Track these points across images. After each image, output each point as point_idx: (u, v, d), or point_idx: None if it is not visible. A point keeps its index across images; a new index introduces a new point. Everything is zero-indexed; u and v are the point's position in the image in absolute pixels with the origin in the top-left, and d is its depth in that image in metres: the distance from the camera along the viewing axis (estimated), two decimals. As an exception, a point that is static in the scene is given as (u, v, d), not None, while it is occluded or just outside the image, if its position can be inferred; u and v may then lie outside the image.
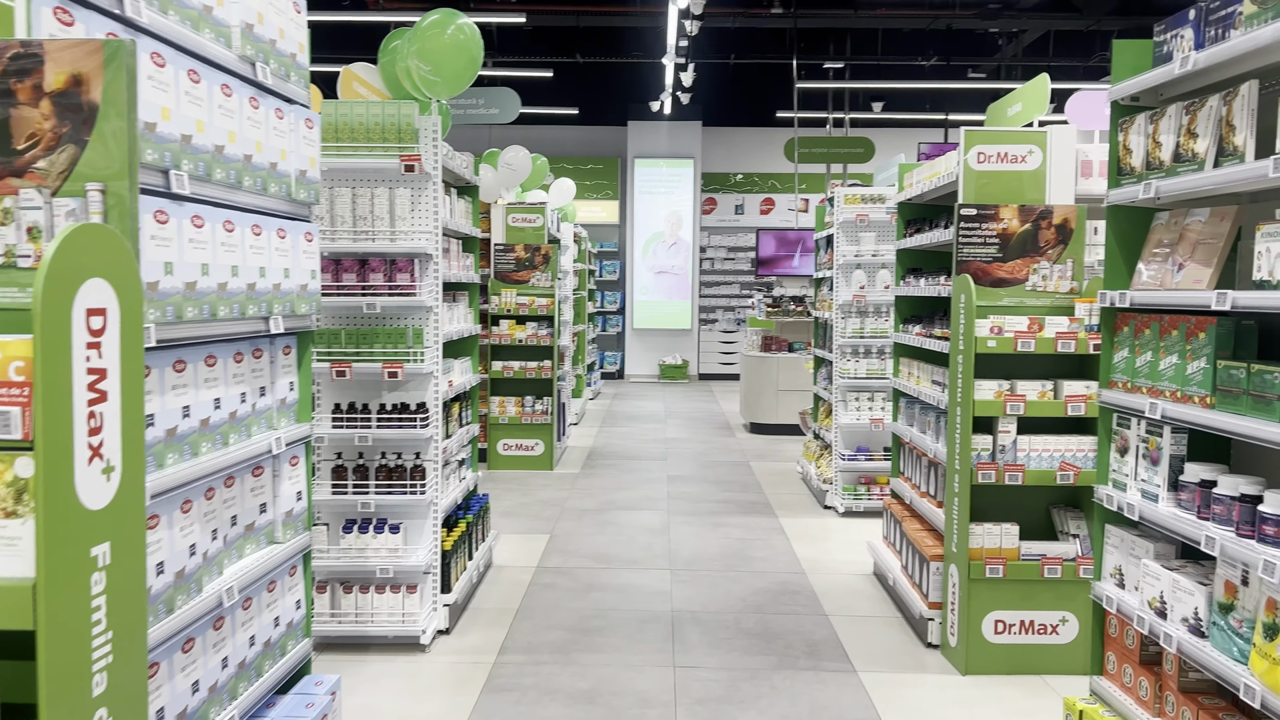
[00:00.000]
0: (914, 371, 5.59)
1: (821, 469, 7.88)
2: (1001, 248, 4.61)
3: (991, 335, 4.40)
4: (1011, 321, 4.42)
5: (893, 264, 7.39)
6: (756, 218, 17.90)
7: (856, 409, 7.39)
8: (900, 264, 5.98)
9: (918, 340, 5.38)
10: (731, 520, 7.26)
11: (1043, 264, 4.61)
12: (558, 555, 6.28)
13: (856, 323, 7.38)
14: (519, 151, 9.19)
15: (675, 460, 9.73)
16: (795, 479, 8.81)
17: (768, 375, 11.23)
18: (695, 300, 17.60)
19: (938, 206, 5.83)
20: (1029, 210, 4.58)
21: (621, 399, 14.83)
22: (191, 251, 2.37)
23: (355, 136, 4.47)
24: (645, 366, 17.71)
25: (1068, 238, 4.59)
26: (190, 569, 2.46)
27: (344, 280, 4.50)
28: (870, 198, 7.38)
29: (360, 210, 4.51)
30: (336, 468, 4.60)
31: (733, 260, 17.96)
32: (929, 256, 5.89)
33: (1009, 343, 4.37)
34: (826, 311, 7.94)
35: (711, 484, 8.59)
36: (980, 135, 4.65)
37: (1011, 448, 4.43)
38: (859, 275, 7.36)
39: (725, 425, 12.13)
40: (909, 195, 5.76)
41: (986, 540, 4.45)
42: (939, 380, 5.14)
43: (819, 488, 7.78)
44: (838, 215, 7.44)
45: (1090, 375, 4.44)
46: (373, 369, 4.50)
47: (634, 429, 11.80)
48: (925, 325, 5.41)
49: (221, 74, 2.55)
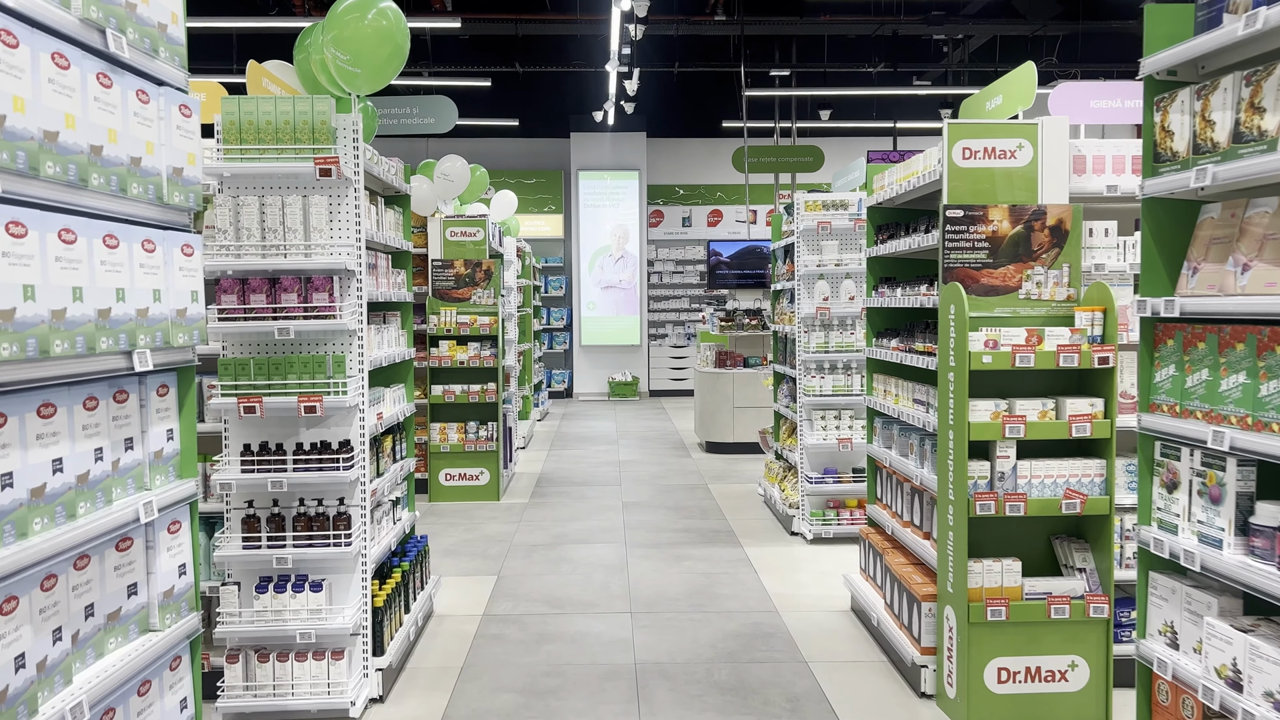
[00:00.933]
0: (892, 389, 5.14)
1: (786, 492, 7.41)
2: (992, 252, 4.17)
3: (986, 350, 3.95)
4: (1008, 334, 3.98)
5: (859, 274, 6.96)
6: (704, 230, 17.48)
7: (823, 428, 6.94)
8: (871, 273, 5.54)
9: (896, 356, 4.93)
10: (694, 552, 6.74)
11: (1037, 269, 4.18)
12: (506, 600, 5.70)
13: (820, 336, 6.93)
14: (456, 161, 8.62)
15: (630, 485, 9.20)
16: (757, 503, 8.33)
17: (723, 392, 10.76)
18: (644, 315, 17.11)
19: (912, 210, 5.40)
20: (1020, 210, 4.16)
21: (571, 419, 14.27)
22: (7, 269, 1.79)
23: (263, 137, 3.89)
24: (594, 384, 17.16)
25: (1063, 240, 4.17)
26: (18, 686, 1.86)
27: (252, 302, 3.91)
28: (832, 204, 6.95)
29: (270, 221, 3.92)
30: (248, 518, 3.99)
31: (681, 274, 17.51)
32: (903, 265, 5.46)
33: (1006, 358, 3.93)
34: (787, 325, 7.49)
35: (670, 511, 8.08)
36: (965, 129, 4.22)
37: (1011, 474, 3.98)
38: (822, 286, 6.92)
39: (680, 445, 11.63)
40: (880, 199, 5.32)
41: (986, 578, 3.99)
42: (922, 399, 4.69)
43: (784, 512, 7.31)
44: (798, 223, 7.00)
45: (1093, 392, 4.02)
46: (287, 403, 3.91)
47: (585, 451, 11.24)
48: (904, 339, 4.96)
49: (54, 40, 1.98)
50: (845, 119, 16.75)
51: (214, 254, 3.90)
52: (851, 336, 6.91)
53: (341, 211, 4.02)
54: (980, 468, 3.99)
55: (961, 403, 3.94)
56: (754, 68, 14.86)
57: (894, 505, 5.14)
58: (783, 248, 7.96)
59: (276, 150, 3.89)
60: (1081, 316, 4.03)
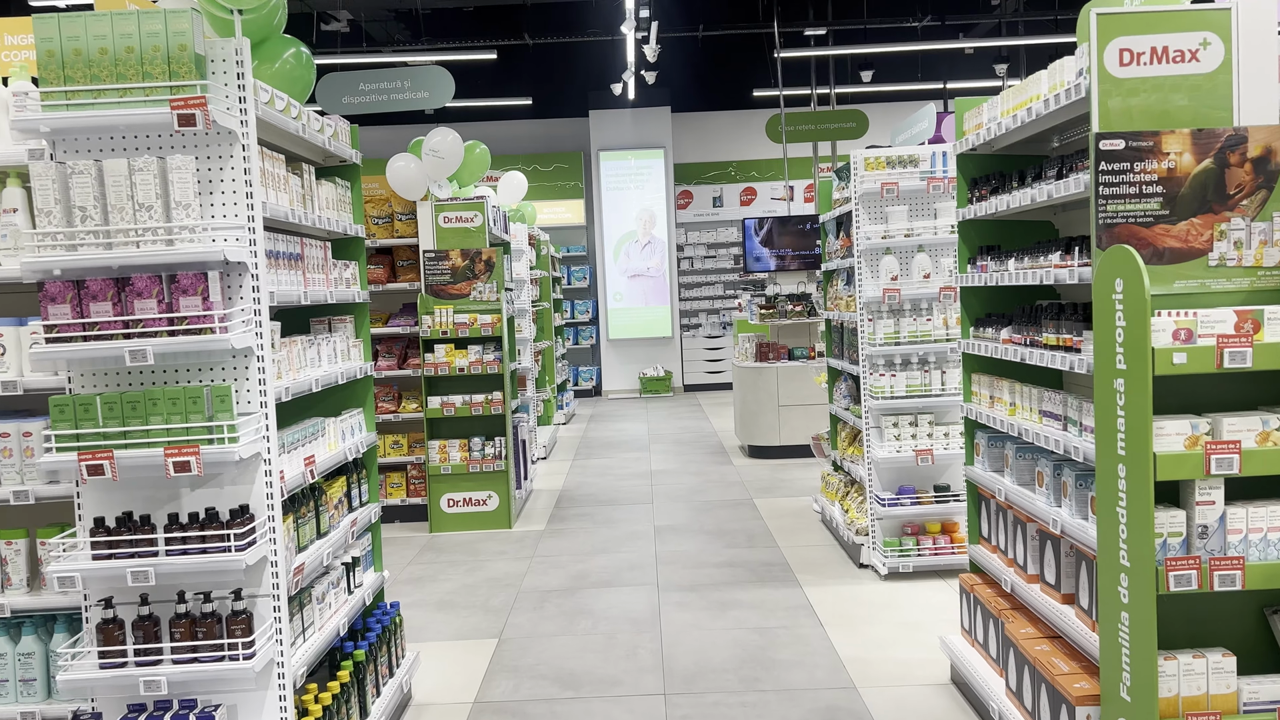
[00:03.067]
0: (1004, 396, 3.83)
1: (851, 514, 6.12)
2: (1168, 200, 2.86)
3: (1177, 345, 2.65)
4: (1208, 318, 2.67)
5: (936, 246, 5.65)
6: (737, 209, 16.14)
7: (895, 437, 5.64)
8: (965, 242, 4.23)
9: (1010, 351, 3.63)
10: (742, 596, 5.48)
11: (1235, 222, 2.86)
12: (506, 678, 4.48)
13: (889, 325, 5.62)
14: (446, 135, 7.39)
15: (663, 502, 7.95)
16: (813, 522, 7.05)
17: (766, 389, 9.46)
18: (675, 304, 15.83)
19: (1020, 157, 4.09)
20: (1209, 137, 2.84)
21: (599, 421, 13.04)
22: None
23: (97, 73, 2.67)
24: (624, 380, 15.92)
25: (1273, 179, 2.85)
26: None
27: (93, 314, 2.70)
28: (899, 160, 5.63)
29: (115, 197, 2.71)
30: (106, 623, 2.79)
31: (714, 258, 16.20)
32: (1010, 229, 4.14)
33: (1208, 356, 2.62)
34: (844, 311, 6.19)
35: (711, 536, 6.82)
36: (1124, 21, 2.90)
37: (1218, 528, 2.68)
38: (889, 263, 5.61)
39: (719, 449, 10.36)
40: (976, 142, 4.00)
41: (1185, 683, 2.69)
42: (1055, 412, 3.39)
43: (849, 539, 6.02)
44: (856, 186, 5.69)
45: (1338, 400, 2.70)
46: (150, 458, 2.70)
47: (613, 460, 10.01)
48: (1020, 328, 3.66)
49: None
50: (888, 81, 15.32)
51: (37, 246, 2.69)
52: (929, 324, 5.60)
53: (222, 179, 2.79)
54: (1171, 520, 2.68)
55: (1141, 424, 2.64)
56: (786, 27, 13.49)
57: (1011, 550, 3.84)
58: (834, 219, 6.65)
59: (118, 92, 2.67)
60: (1312, 288, 2.71)
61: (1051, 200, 3.28)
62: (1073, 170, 3.16)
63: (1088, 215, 3.00)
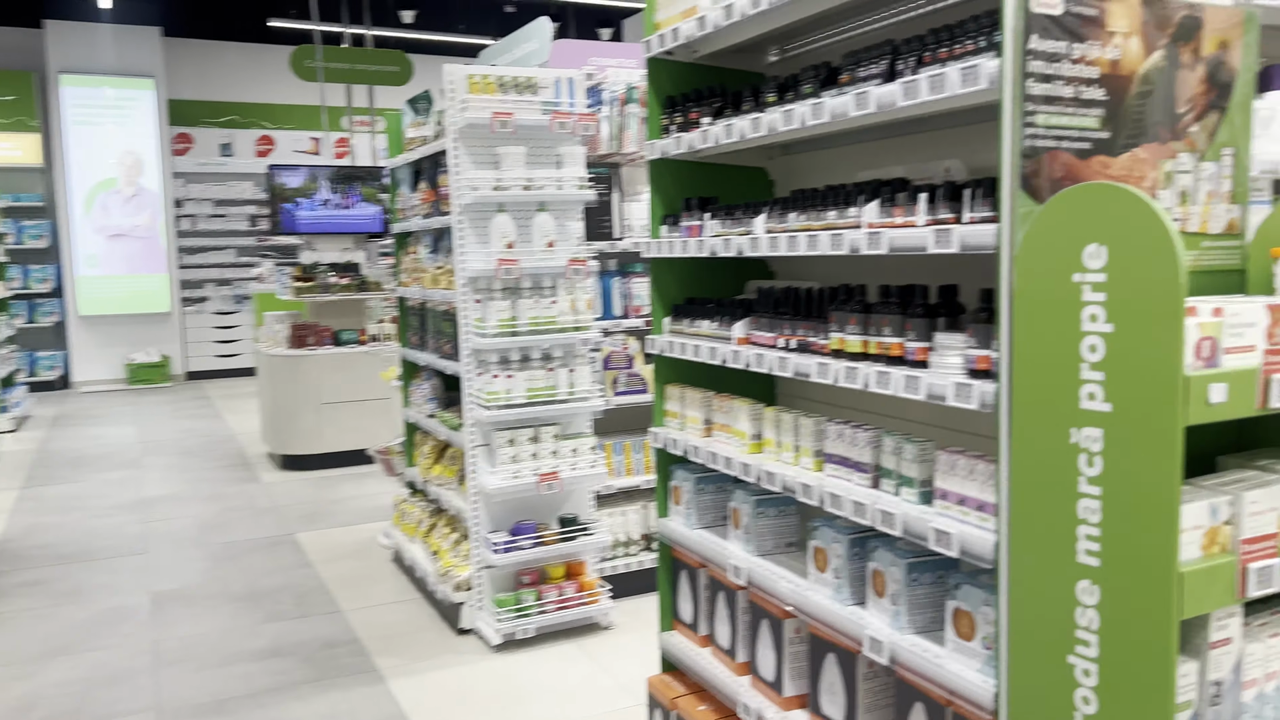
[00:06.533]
0: (738, 424, 2.53)
1: (444, 559, 4.54)
2: (1109, 115, 1.70)
3: (1205, 368, 1.47)
4: (1236, 317, 1.53)
5: (560, 204, 4.25)
6: (252, 160, 13.51)
7: (512, 459, 4.17)
8: (659, 191, 2.86)
9: (757, 357, 2.33)
10: (300, 713, 3.66)
11: (1183, 160, 1.78)
12: None
13: (504, 307, 4.11)
14: None
15: (165, 550, 5.69)
16: (384, 564, 5.35)
17: (304, 383, 7.46)
18: (174, 273, 12.83)
19: (734, 72, 2.81)
20: (1163, 11, 1.73)
21: (67, 425, 9.90)
22: None
23: None
24: (104, 369, 12.58)
25: (1227, 93, 1.81)
26: None
27: None
28: (515, 83, 4.11)
29: None
30: None
31: (224, 217, 13.43)
32: (720, 175, 2.85)
33: (1248, 387, 1.48)
34: (429, 288, 4.56)
35: (242, 603, 4.81)
36: None
37: (1234, 683, 1.57)
38: (502, 224, 4.09)
39: (240, 460, 8.12)
40: (692, 35, 2.62)
41: None
42: (850, 456, 2.14)
43: (445, 595, 4.45)
44: (455, 116, 4.08)
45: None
46: None
47: (86, 486, 7.32)
48: (769, 322, 2.37)
49: None
50: (437, 28, 13.71)
51: None
52: (553, 307, 4.18)
53: None
54: (1181, 680, 1.52)
55: (1152, 514, 1.43)
56: (314, -56, 11.28)
57: (752, 655, 2.57)
58: (411, 165, 4.97)
59: None
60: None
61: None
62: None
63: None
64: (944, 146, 2.29)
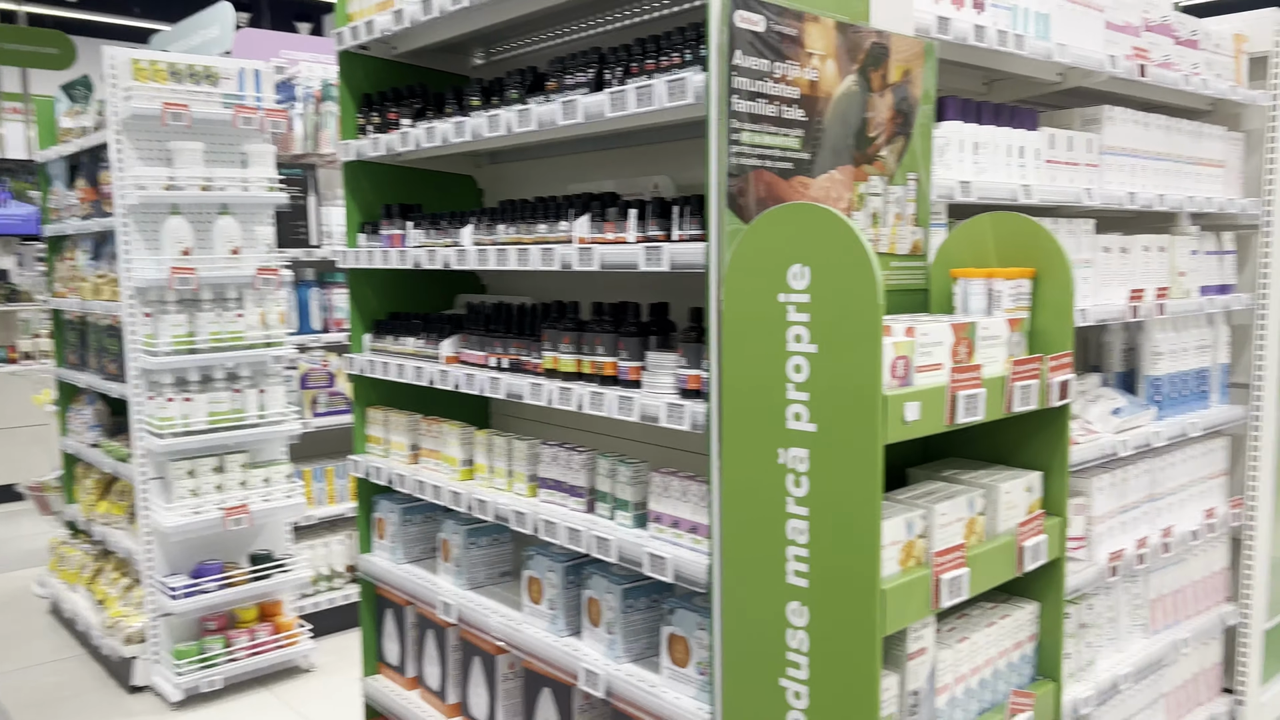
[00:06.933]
0: (447, 449, 2.37)
1: (111, 609, 3.98)
2: (810, 135, 1.72)
3: (905, 391, 1.50)
4: (927, 334, 1.57)
5: (245, 207, 3.87)
6: None
7: (192, 492, 3.72)
8: (355, 195, 2.63)
9: (469, 378, 2.19)
10: (-82, 811, 3.04)
11: (874, 183, 1.84)
12: None
13: (181, 321, 3.66)
14: None
15: None
16: (40, 616, 4.63)
17: (-63, 410, 6.36)
18: None
19: (437, 73, 2.65)
20: (855, 37, 1.78)
21: None
22: None
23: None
24: None
25: (910, 120, 1.90)
26: None
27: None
28: (191, 71, 3.68)
29: None
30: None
31: None
32: (424, 181, 2.68)
33: (938, 404, 1.53)
34: (90, 299, 4.00)
35: None
36: None
37: (929, 690, 1.62)
38: (177, 227, 3.64)
39: None
40: (388, 30, 2.43)
41: None
42: (564, 480, 2.06)
43: (111, 648, 3.90)
44: (118, 105, 3.58)
45: (1027, 460, 1.85)
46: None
47: None
48: (479, 339, 2.23)
49: None
50: (102, 9, 12.30)
51: None
52: (239, 321, 3.78)
53: None
54: (883, 692, 1.54)
55: (856, 533, 1.44)
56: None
57: (446, 688, 2.40)
58: (65, 160, 4.35)
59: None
60: (973, 288, 1.82)
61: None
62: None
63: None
64: (653, 162, 2.26)
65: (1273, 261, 2.94)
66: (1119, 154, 2.55)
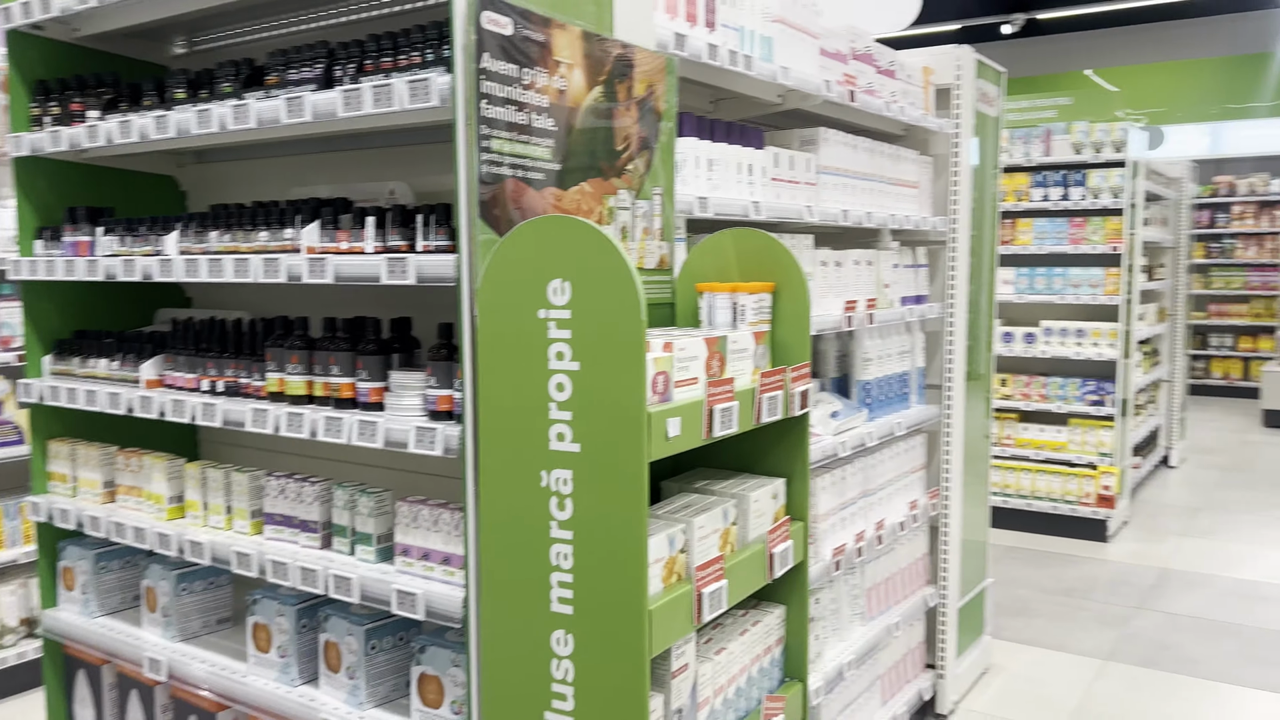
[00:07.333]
0: (151, 486, 2.10)
1: None
2: (559, 145, 1.67)
3: (671, 408, 1.48)
4: (683, 351, 1.56)
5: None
6: None
7: None
8: (30, 198, 2.28)
9: (175, 403, 1.94)
10: None
11: (622, 197, 1.83)
12: None
13: None
14: None
15: None
16: None
17: None
18: None
19: (129, 62, 2.36)
20: (602, 48, 1.75)
21: None
22: None
23: None
24: None
25: (655, 136, 1.91)
26: None
27: None
28: None
29: None
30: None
31: None
32: (115, 181, 2.36)
33: (696, 419, 1.52)
34: None
35: None
36: None
37: (690, 706, 1.61)
38: None
39: None
40: (46, 14, 2.11)
41: None
42: (293, 515, 1.88)
43: None
44: None
45: (771, 468, 1.90)
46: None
47: None
48: (188, 360, 2.00)
49: None
50: None
51: None
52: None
53: None
54: (651, 715, 1.51)
55: (623, 554, 1.41)
56: None
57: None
58: None
59: None
60: (719, 302, 1.86)
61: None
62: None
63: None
64: (385, 166, 2.12)
65: (959, 274, 3.26)
66: (833, 174, 2.72)
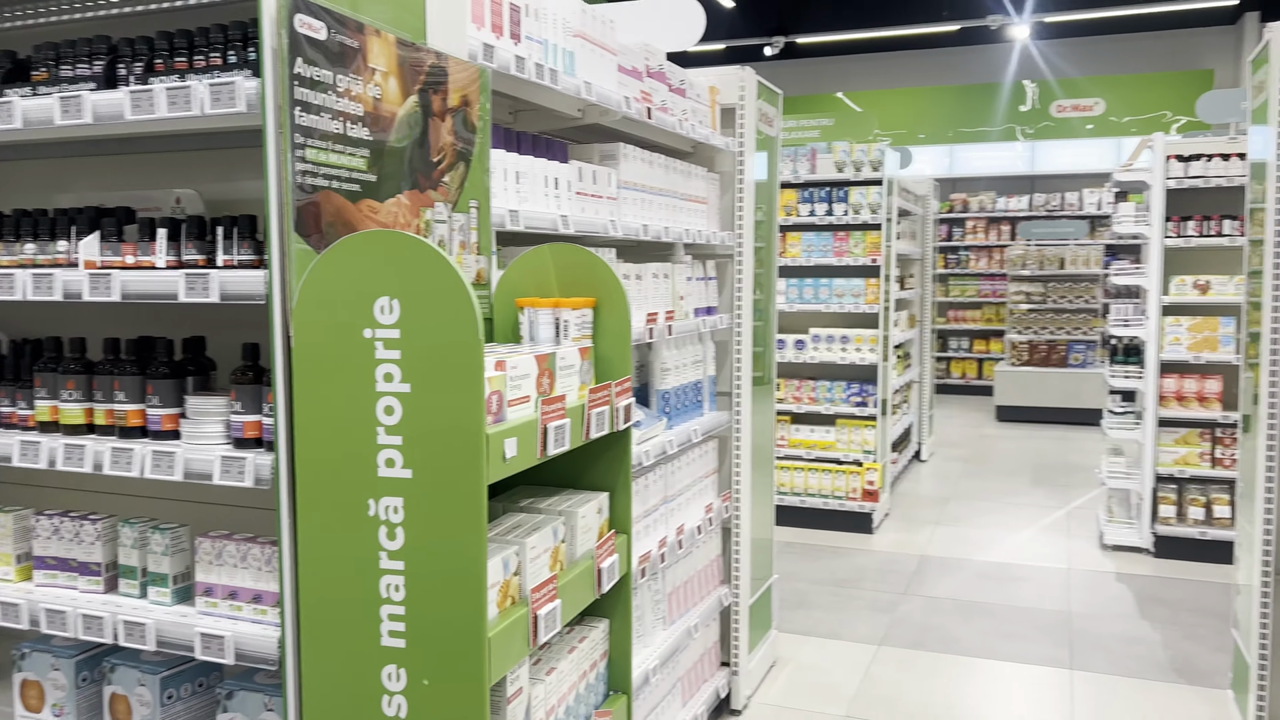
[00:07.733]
0: None
1: None
2: (375, 156, 1.61)
3: (507, 428, 1.44)
4: (515, 370, 1.52)
5: None
6: None
7: None
8: None
9: None
10: None
11: (439, 209, 1.78)
12: None
13: None
14: None
15: None
16: None
17: None
18: None
19: None
20: (416, 56, 1.70)
21: None
22: None
23: None
24: None
25: (470, 148, 1.87)
26: None
27: None
28: None
29: None
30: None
31: None
32: None
33: (531, 439, 1.49)
34: None
35: None
36: None
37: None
38: None
39: None
40: None
41: None
42: (70, 557, 1.70)
43: None
44: None
45: (595, 482, 1.89)
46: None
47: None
48: None
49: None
50: None
51: None
52: None
53: None
54: (490, 744, 1.47)
55: (460, 582, 1.37)
56: None
57: None
58: None
59: None
60: (544, 318, 1.85)
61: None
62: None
63: None
64: (168, 172, 1.95)
65: (744, 286, 3.41)
66: (632, 189, 2.77)
